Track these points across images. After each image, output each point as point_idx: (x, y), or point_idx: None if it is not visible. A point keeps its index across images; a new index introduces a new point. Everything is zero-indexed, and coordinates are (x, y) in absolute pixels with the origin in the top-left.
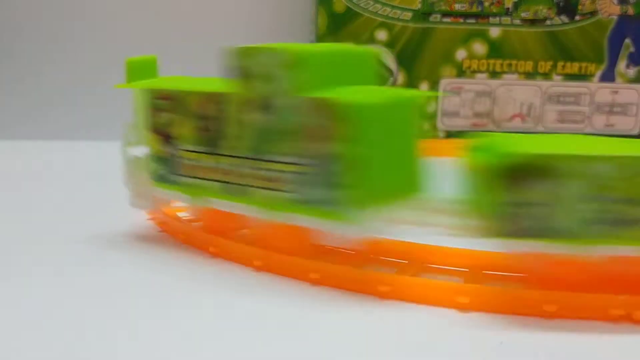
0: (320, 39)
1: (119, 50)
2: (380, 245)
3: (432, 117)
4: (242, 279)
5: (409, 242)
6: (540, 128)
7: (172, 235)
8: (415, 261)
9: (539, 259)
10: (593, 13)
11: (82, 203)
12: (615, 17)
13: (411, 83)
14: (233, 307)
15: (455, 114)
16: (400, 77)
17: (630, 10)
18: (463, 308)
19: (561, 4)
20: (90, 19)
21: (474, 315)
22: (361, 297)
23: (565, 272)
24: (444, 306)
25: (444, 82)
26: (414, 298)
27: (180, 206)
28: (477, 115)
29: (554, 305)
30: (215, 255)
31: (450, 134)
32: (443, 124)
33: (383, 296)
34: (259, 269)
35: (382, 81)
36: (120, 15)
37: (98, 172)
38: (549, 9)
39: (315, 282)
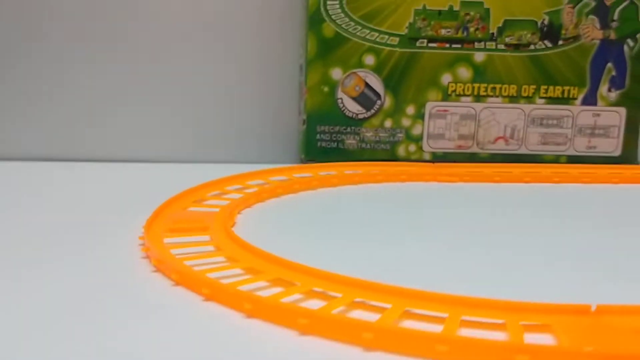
0: (309, 62)
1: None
2: None
3: (419, 139)
4: (232, 323)
5: (392, 286)
6: (523, 150)
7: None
8: (399, 305)
9: None
10: (576, 38)
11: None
12: (597, 42)
13: (398, 106)
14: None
15: (440, 136)
16: (387, 101)
17: (612, 35)
18: (441, 358)
19: (545, 29)
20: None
21: None
22: (344, 346)
23: None
24: (424, 356)
25: (429, 106)
26: (397, 347)
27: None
28: (462, 137)
29: (526, 356)
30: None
31: (435, 156)
32: (429, 146)
33: (368, 345)
34: (249, 313)
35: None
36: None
37: (91, 196)
38: (533, 34)
39: (305, 330)
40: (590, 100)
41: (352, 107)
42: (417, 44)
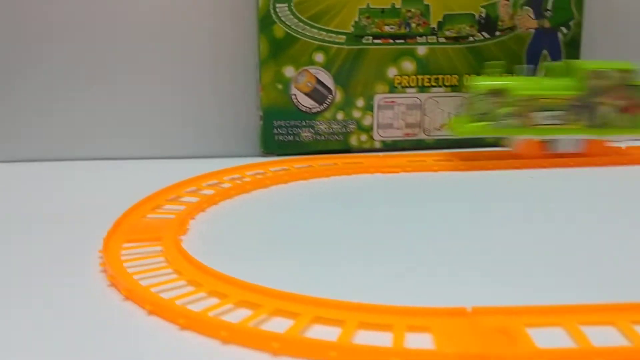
0: (263, 62)
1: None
2: None
3: (369, 129)
4: (170, 335)
5: (304, 295)
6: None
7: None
8: (309, 312)
9: None
10: (512, 28)
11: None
12: (532, 31)
13: (348, 100)
14: None
15: (389, 126)
16: (338, 95)
17: (547, 24)
18: None
19: (482, 21)
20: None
21: None
22: (257, 353)
23: None
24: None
25: (377, 98)
26: (299, 353)
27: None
28: (409, 125)
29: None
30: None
31: (385, 144)
32: (379, 135)
33: (275, 352)
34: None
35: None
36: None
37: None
38: (471, 26)
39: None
40: None
41: (306, 102)
42: (363, 40)
